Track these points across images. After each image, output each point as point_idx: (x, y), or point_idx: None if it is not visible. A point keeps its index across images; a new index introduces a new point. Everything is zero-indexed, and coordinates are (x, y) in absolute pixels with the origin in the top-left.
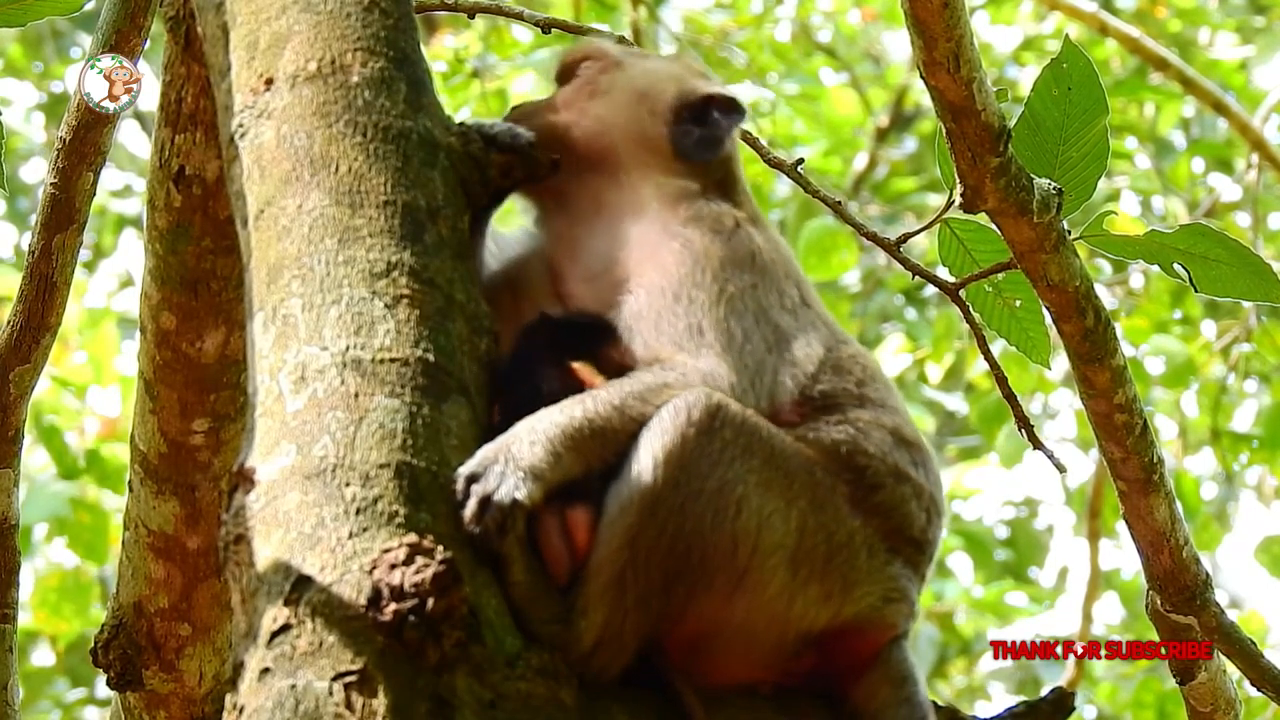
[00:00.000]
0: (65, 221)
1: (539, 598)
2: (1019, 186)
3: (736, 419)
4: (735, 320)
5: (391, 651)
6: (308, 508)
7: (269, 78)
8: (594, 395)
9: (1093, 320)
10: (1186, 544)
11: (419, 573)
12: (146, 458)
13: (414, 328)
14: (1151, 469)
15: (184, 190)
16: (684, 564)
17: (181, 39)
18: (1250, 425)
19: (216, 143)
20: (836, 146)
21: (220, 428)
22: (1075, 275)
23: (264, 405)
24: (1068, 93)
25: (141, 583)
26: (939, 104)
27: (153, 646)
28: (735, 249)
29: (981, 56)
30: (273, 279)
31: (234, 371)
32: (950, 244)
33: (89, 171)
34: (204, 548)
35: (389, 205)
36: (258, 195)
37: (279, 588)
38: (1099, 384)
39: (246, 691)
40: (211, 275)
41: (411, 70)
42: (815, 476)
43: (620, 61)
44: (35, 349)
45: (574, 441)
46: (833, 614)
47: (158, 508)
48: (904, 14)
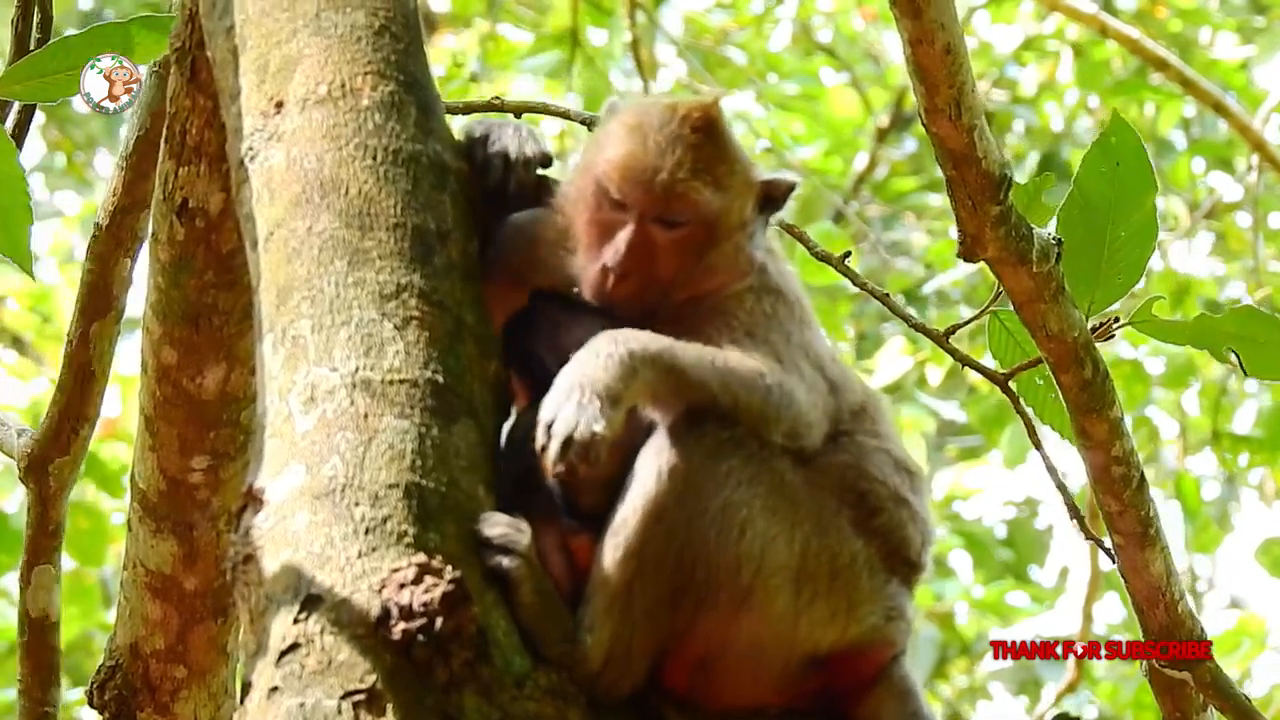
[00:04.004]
0: (103, 309)
1: (548, 618)
2: (1019, 235)
3: (745, 449)
4: (805, 362)
5: (400, 670)
6: (317, 527)
7: (279, 101)
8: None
9: (1091, 371)
10: (1182, 599)
11: (428, 592)
12: (146, 496)
13: (423, 349)
14: (1148, 523)
15: (187, 223)
16: (689, 579)
17: (187, 70)
18: (1251, 426)
19: (220, 175)
20: (836, 146)
21: (219, 465)
22: (1074, 326)
23: (273, 426)
24: (1116, 168)
25: (138, 623)
26: (940, 152)
27: (148, 689)
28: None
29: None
30: (282, 300)
31: (234, 409)
32: (999, 334)
33: (125, 258)
34: (201, 589)
35: (399, 228)
36: (267, 217)
37: (288, 607)
38: (1096, 436)
39: (255, 710)
40: (214, 310)
41: (421, 94)
42: (820, 501)
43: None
44: (74, 440)
45: (657, 369)
46: (839, 634)
47: (156, 547)
48: (905, 60)
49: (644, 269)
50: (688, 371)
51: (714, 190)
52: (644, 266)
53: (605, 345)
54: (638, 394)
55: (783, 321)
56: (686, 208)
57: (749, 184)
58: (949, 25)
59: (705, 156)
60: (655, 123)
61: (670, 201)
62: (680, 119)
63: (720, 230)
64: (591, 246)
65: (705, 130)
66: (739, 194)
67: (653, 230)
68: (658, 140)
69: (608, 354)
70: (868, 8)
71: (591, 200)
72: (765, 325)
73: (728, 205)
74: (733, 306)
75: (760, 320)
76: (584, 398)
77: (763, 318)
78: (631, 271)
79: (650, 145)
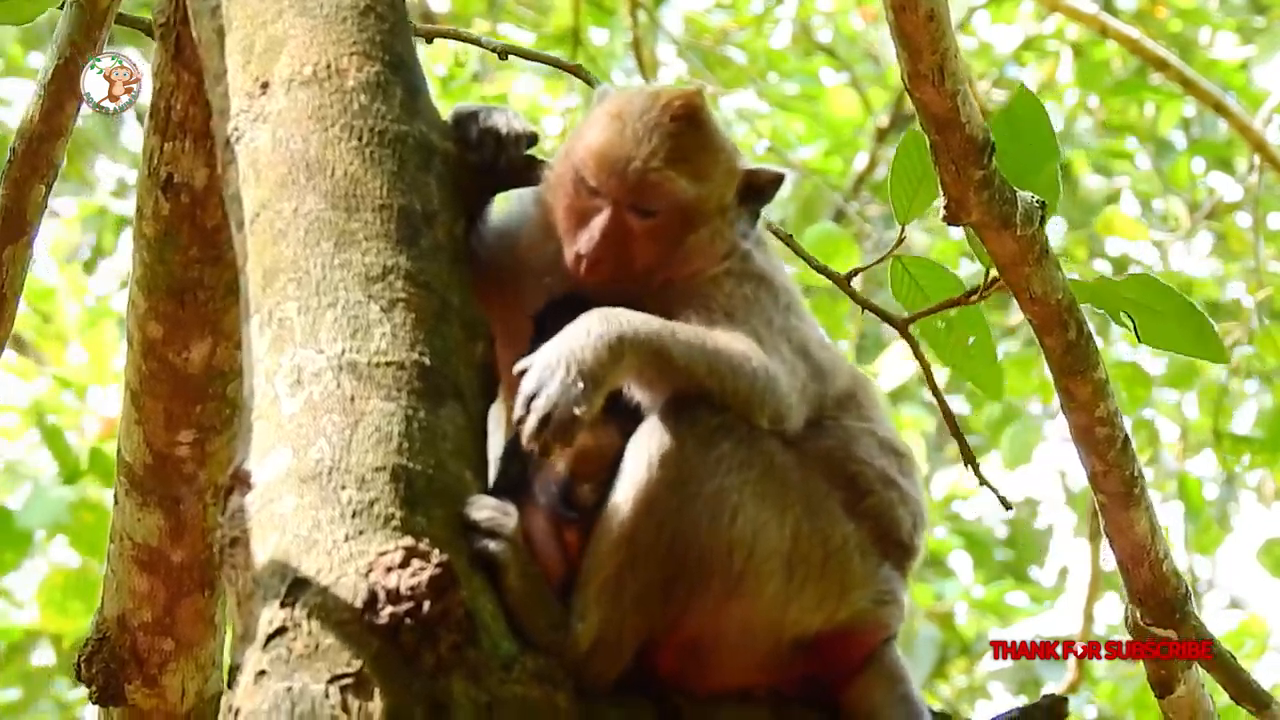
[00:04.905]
0: (16, 233)
1: (535, 603)
2: (1002, 199)
3: (735, 434)
4: (786, 347)
5: (387, 654)
6: (304, 511)
7: (265, 81)
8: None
9: (1075, 333)
10: (1166, 558)
11: (415, 576)
12: (132, 469)
13: (410, 331)
14: (1132, 483)
15: (172, 198)
16: (681, 566)
17: (171, 46)
18: (1251, 427)
19: (205, 150)
20: (836, 146)
21: (205, 439)
22: (1058, 288)
23: (260, 408)
24: (1020, 137)
25: (125, 596)
26: (923, 116)
27: (136, 661)
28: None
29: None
30: (268, 282)
31: (220, 383)
32: (902, 279)
33: (40, 184)
34: (188, 561)
35: (385, 209)
36: (253, 199)
37: (275, 590)
38: (1080, 397)
39: (243, 694)
40: (199, 284)
41: (407, 75)
42: (810, 484)
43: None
44: None
45: (642, 351)
46: (828, 616)
47: (142, 520)
48: (889, 26)
49: (618, 255)
50: (675, 356)
51: (690, 179)
52: (617, 253)
53: (595, 324)
54: (623, 375)
55: (764, 306)
56: (660, 196)
57: (730, 173)
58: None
59: (683, 145)
60: (635, 110)
61: (644, 190)
62: (661, 107)
63: (696, 218)
64: (569, 232)
65: (685, 118)
66: (718, 183)
67: (627, 217)
68: (635, 128)
69: (598, 334)
70: (868, 8)
71: (570, 187)
72: (745, 308)
73: (705, 194)
74: (711, 289)
75: (740, 303)
76: (568, 376)
77: (742, 301)
78: (604, 258)
79: (628, 133)
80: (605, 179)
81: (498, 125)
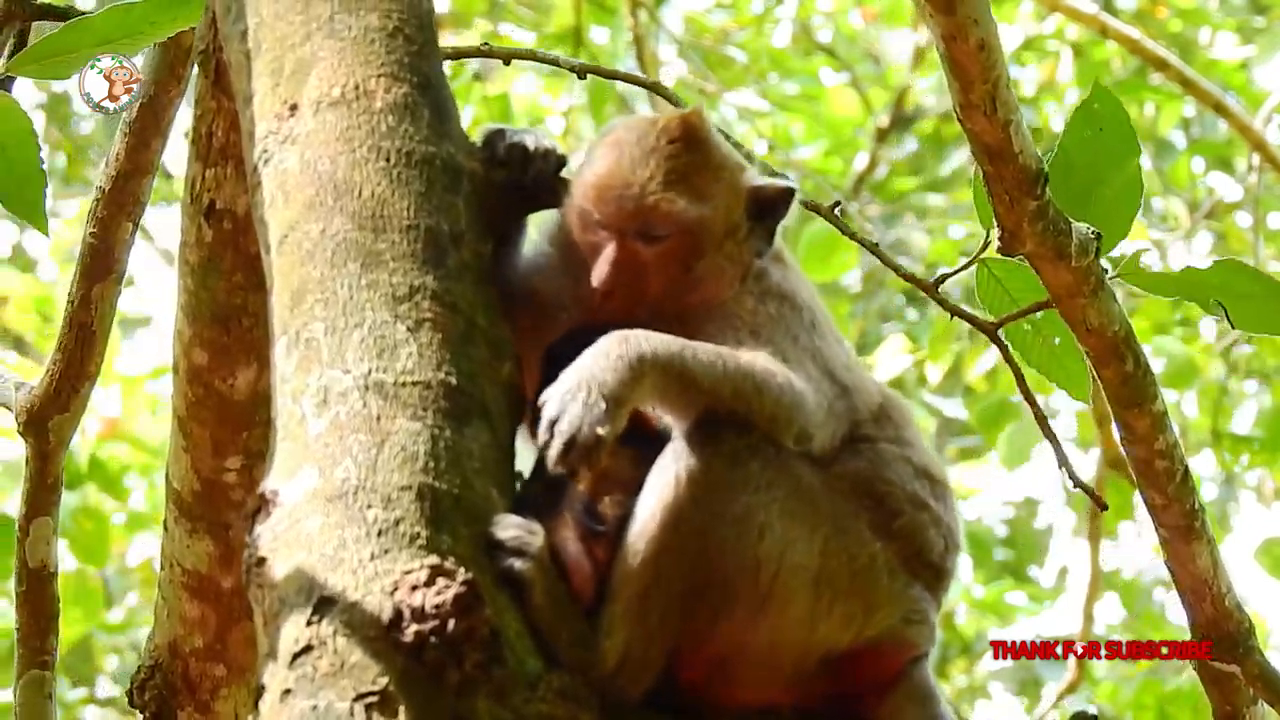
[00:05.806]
0: (104, 271)
1: (561, 621)
2: (1057, 230)
3: (763, 453)
4: (811, 365)
5: (412, 672)
6: (330, 530)
7: (293, 103)
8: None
9: (1132, 365)
10: (1229, 591)
11: (440, 594)
12: (180, 496)
13: (436, 351)
14: (1193, 515)
15: (215, 225)
16: (707, 584)
17: (211, 73)
18: (1250, 427)
19: (246, 177)
20: (836, 146)
21: (253, 465)
22: (1114, 320)
23: (286, 428)
24: (1099, 133)
25: (176, 623)
26: (976, 147)
27: (188, 688)
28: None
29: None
30: (296, 303)
31: (266, 408)
32: (988, 283)
33: (127, 221)
34: (238, 587)
35: (412, 230)
36: (281, 220)
37: (301, 609)
38: (1139, 430)
39: (268, 713)
40: (243, 311)
41: (435, 95)
42: (838, 504)
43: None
44: (74, 398)
45: (665, 373)
46: (855, 634)
47: (191, 546)
48: (940, 57)
49: (630, 285)
50: (698, 374)
51: (690, 199)
52: (629, 282)
53: (615, 346)
54: (645, 395)
55: (788, 324)
56: (663, 220)
57: (735, 190)
58: (982, 21)
59: (682, 166)
60: (633, 138)
61: (646, 216)
62: (659, 132)
63: (705, 239)
64: (584, 265)
65: (683, 140)
66: (722, 201)
67: (635, 245)
68: (633, 155)
69: (618, 355)
70: (868, 8)
71: (577, 220)
72: (769, 327)
73: (709, 213)
74: (732, 309)
75: (765, 321)
76: (590, 397)
77: (767, 319)
78: (617, 288)
79: (625, 161)
80: (607, 208)
81: (525, 141)
